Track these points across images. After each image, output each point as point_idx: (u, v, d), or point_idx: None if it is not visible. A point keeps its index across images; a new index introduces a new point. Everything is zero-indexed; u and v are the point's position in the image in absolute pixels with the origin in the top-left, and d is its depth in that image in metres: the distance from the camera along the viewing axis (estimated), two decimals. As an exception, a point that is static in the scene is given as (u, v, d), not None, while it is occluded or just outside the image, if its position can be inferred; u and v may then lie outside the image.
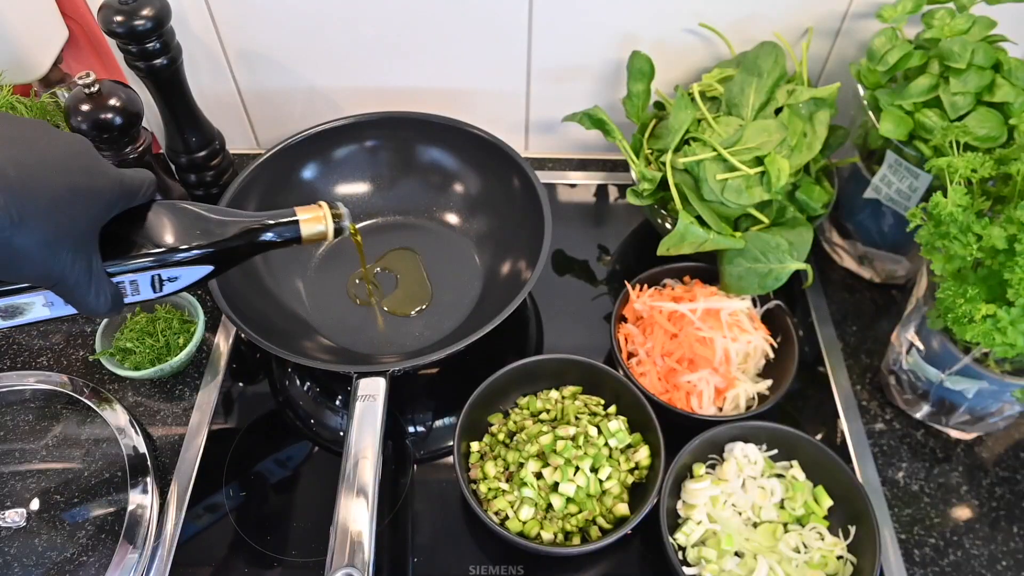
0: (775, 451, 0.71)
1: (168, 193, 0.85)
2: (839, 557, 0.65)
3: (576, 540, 0.66)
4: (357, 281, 0.87)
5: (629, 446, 0.70)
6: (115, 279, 0.53)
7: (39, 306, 0.53)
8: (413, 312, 0.84)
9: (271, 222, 0.58)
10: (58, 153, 0.48)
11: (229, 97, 0.96)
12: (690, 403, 0.74)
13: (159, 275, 0.54)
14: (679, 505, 0.68)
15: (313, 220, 0.59)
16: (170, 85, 0.80)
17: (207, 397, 0.79)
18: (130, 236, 0.53)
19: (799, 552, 0.65)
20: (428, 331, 0.83)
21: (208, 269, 0.56)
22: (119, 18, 0.72)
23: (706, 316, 0.76)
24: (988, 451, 0.75)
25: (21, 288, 0.51)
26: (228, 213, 0.57)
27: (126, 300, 0.55)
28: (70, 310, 0.54)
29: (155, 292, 0.56)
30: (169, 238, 0.54)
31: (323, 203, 0.60)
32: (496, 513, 0.66)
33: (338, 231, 0.60)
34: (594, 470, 0.67)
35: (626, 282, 0.80)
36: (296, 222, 0.59)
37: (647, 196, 0.80)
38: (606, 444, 0.69)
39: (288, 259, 0.87)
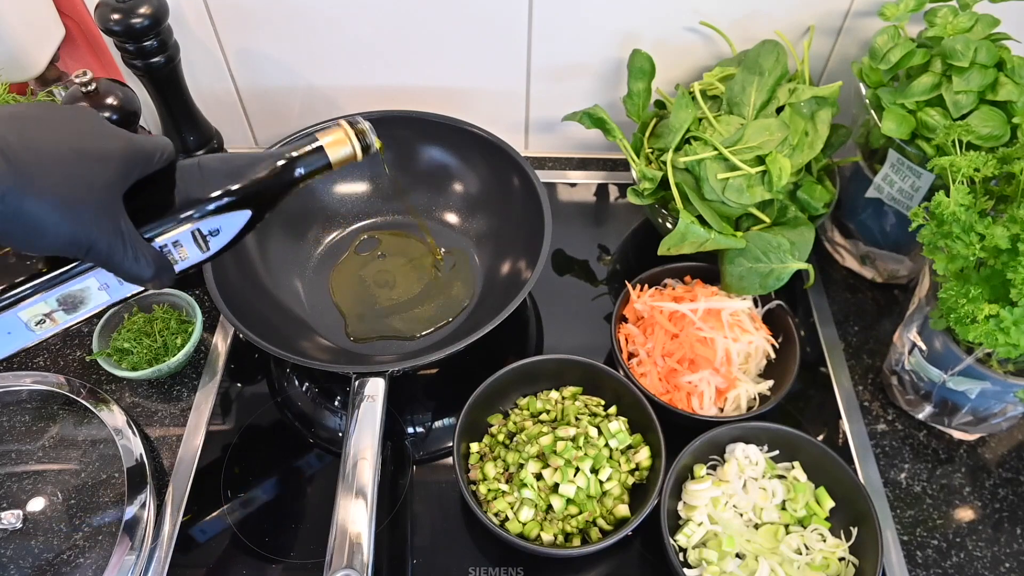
0: (776, 452, 0.70)
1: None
2: (841, 559, 0.65)
3: (576, 541, 0.65)
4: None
5: (629, 447, 0.69)
6: (156, 243, 0.53)
7: (95, 291, 0.53)
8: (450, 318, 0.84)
9: (296, 154, 0.56)
10: (62, 119, 0.49)
11: (227, 96, 0.96)
12: (691, 404, 0.73)
13: (199, 230, 0.54)
14: (680, 506, 0.68)
15: (337, 143, 0.57)
16: (168, 83, 0.79)
17: (205, 398, 0.79)
18: (160, 199, 0.53)
19: (801, 554, 0.65)
20: (427, 332, 0.83)
21: (247, 214, 0.55)
22: (116, 16, 0.71)
23: (707, 316, 0.76)
24: (991, 452, 0.75)
25: (70, 273, 0.51)
26: (252, 156, 0.56)
27: (178, 266, 0.55)
28: (127, 289, 0.54)
29: (203, 251, 0.55)
30: (197, 189, 0.53)
31: (342, 121, 0.58)
32: (496, 514, 0.66)
33: (365, 149, 0.58)
34: (594, 471, 0.67)
35: (626, 282, 0.80)
36: (321, 148, 0.57)
37: (648, 195, 0.80)
38: (606, 445, 0.68)
39: (287, 259, 0.86)
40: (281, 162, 0.56)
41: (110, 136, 0.50)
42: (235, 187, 0.54)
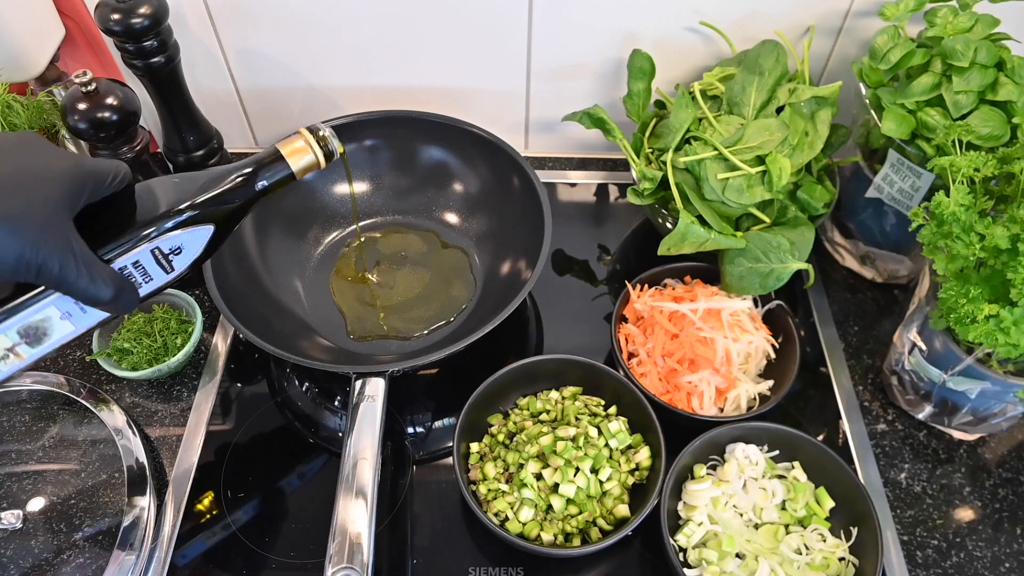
0: (776, 452, 0.70)
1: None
2: (841, 559, 0.65)
3: (576, 541, 0.65)
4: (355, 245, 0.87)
5: (629, 447, 0.69)
6: (116, 265, 0.51)
7: (57, 320, 0.51)
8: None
9: (257, 166, 0.55)
10: (3, 142, 0.48)
11: (227, 96, 0.96)
12: (691, 404, 0.73)
13: (159, 248, 0.52)
14: (680, 506, 0.68)
15: (299, 152, 0.56)
16: (168, 83, 0.79)
17: (205, 398, 0.79)
18: (117, 221, 0.52)
19: (801, 554, 0.65)
20: (427, 331, 0.83)
21: (209, 229, 0.54)
22: (116, 16, 0.71)
23: (707, 316, 0.76)
24: (991, 452, 0.75)
25: (27, 302, 0.50)
26: (212, 172, 0.55)
27: (143, 289, 0.54)
28: (93, 319, 0.52)
29: (167, 272, 0.54)
30: (153, 207, 0.52)
31: (303, 130, 0.57)
32: (496, 514, 0.66)
33: (328, 156, 0.57)
34: (594, 471, 0.67)
35: (626, 282, 0.79)
36: (282, 158, 0.56)
37: (648, 195, 0.80)
38: (606, 445, 0.68)
39: (287, 259, 0.86)
40: (242, 176, 0.55)
41: (55, 156, 0.49)
42: (190, 203, 0.53)
